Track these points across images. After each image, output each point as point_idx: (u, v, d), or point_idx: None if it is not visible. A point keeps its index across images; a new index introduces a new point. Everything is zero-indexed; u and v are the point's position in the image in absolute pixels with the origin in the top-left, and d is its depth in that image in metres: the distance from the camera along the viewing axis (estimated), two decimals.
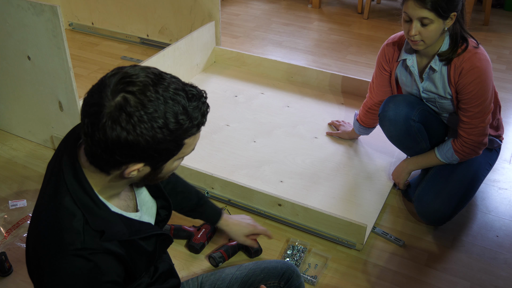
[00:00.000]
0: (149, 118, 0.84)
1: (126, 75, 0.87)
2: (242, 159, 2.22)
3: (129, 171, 0.91)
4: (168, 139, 0.88)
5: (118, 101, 0.84)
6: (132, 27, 3.38)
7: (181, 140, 0.91)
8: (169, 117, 0.86)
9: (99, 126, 0.85)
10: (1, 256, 1.68)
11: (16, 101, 2.32)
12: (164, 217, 1.21)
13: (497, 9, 4.03)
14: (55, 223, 0.93)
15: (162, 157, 0.92)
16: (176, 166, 0.99)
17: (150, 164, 0.92)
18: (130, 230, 1.00)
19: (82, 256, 0.91)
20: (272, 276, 1.35)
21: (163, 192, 1.19)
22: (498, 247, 1.82)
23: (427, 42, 1.70)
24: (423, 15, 1.63)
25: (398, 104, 1.88)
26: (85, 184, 0.95)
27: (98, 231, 0.94)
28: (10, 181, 2.14)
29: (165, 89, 0.87)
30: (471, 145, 1.80)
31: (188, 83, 0.93)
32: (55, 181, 0.97)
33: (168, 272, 1.24)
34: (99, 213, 0.95)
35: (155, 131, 0.85)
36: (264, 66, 2.92)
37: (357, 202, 1.98)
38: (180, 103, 0.88)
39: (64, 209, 0.93)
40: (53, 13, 1.88)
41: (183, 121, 0.88)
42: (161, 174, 0.97)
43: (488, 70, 1.73)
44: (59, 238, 0.91)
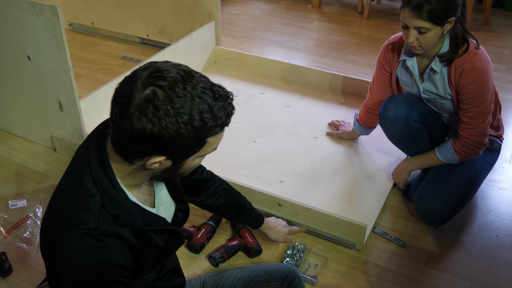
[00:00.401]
0: (175, 113, 0.87)
1: (157, 70, 0.90)
2: (242, 159, 2.22)
3: (150, 162, 0.94)
4: (191, 136, 0.90)
5: (147, 94, 0.87)
6: (132, 27, 3.38)
7: (204, 138, 0.93)
8: (194, 114, 0.88)
9: (127, 115, 0.88)
10: (1, 256, 1.68)
11: (16, 101, 2.32)
12: (181, 219, 1.23)
13: (497, 9, 4.03)
14: (74, 201, 0.96)
15: (184, 153, 0.94)
16: (197, 164, 1.02)
17: (172, 158, 0.95)
18: (144, 221, 1.02)
19: (93, 236, 0.94)
20: (275, 278, 1.35)
21: (182, 195, 1.22)
22: (498, 247, 1.82)
23: (425, 48, 1.71)
24: (419, 25, 1.63)
25: (399, 104, 1.88)
26: (107, 169, 0.98)
27: (113, 215, 0.97)
28: (10, 181, 2.14)
29: (193, 87, 0.89)
30: (472, 146, 1.80)
31: (216, 83, 0.95)
32: (80, 163, 1.01)
33: (174, 270, 1.26)
34: (117, 198, 0.98)
35: (179, 126, 0.88)
36: (264, 66, 2.92)
37: (357, 202, 1.98)
38: (207, 101, 0.90)
39: (84, 189, 0.97)
40: (53, 13, 1.88)
41: (208, 120, 0.90)
42: (181, 169, 1.00)
43: (489, 71, 1.72)
44: (75, 215, 0.95)
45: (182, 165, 0.98)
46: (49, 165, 2.24)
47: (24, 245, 1.80)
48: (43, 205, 1.98)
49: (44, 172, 2.20)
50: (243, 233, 1.79)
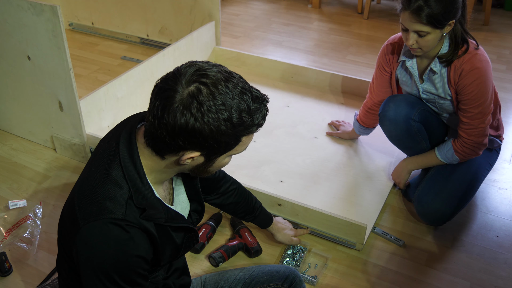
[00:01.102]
0: (217, 110, 0.91)
1: (201, 68, 0.94)
2: (242, 159, 2.22)
3: (185, 157, 0.96)
4: (229, 132, 0.93)
5: (192, 90, 0.91)
6: (132, 27, 3.38)
7: (240, 136, 0.96)
8: (234, 112, 0.92)
9: (170, 109, 0.91)
10: (1, 256, 1.68)
11: (16, 101, 2.32)
12: (195, 220, 1.25)
13: (497, 9, 4.03)
14: (101, 190, 0.98)
15: (220, 149, 0.97)
16: (226, 163, 1.05)
17: (206, 155, 0.98)
18: (167, 216, 1.05)
19: (120, 226, 0.96)
20: (276, 278, 1.36)
21: (200, 196, 1.23)
22: (498, 247, 1.82)
23: (424, 50, 1.71)
24: (419, 28, 1.63)
25: (399, 104, 1.88)
26: (137, 162, 1.00)
27: (140, 208, 0.99)
28: (10, 181, 2.14)
29: (234, 86, 0.93)
30: (471, 146, 1.80)
31: (252, 86, 0.98)
32: (108, 154, 1.02)
33: (182, 269, 1.28)
34: (144, 192, 1.00)
35: (220, 122, 0.91)
36: (264, 66, 2.92)
37: (357, 202, 1.98)
38: (246, 101, 0.94)
39: (113, 180, 0.99)
40: (53, 13, 1.88)
41: (246, 118, 0.94)
42: (211, 167, 1.03)
43: (488, 71, 1.72)
44: (103, 204, 0.96)
45: (213, 162, 1.01)
46: (49, 165, 2.24)
47: (24, 245, 1.80)
48: (43, 205, 1.98)
49: (44, 172, 2.20)
50: (243, 233, 1.79)
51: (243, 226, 1.83)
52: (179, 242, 1.11)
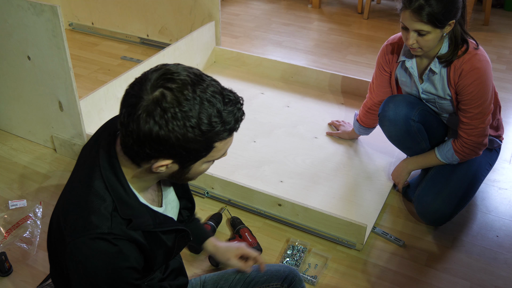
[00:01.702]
0: (183, 116, 0.86)
1: (168, 72, 0.90)
2: (242, 159, 2.22)
3: (157, 165, 0.93)
4: (198, 140, 0.89)
5: (156, 96, 0.87)
6: (132, 27, 3.38)
7: (212, 143, 0.92)
8: (203, 118, 0.88)
9: (134, 117, 0.87)
10: (1, 256, 1.68)
11: (16, 101, 2.32)
12: (185, 217, 1.24)
13: (497, 9, 4.03)
14: (85, 205, 0.96)
15: (191, 157, 0.93)
16: (205, 169, 1.01)
17: (179, 162, 0.94)
18: (155, 222, 1.02)
19: (107, 240, 0.94)
20: (275, 278, 1.35)
21: (189, 193, 1.22)
22: (498, 247, 1.82)
23: (425, 50, 1.71)
24: (419, 27, 1.63)
25: (398, 104, 1.88)
26: (118, 171, 0.98)
27: (126, 219, 0.96)
28: (10, 181, 2.14)
29: (203, 90, 0.89)
30: (471, 146, 1.80)
31: (227, 88, 0.95)
32: (89, 165, 1.00)
33: (179, 269, 1.27)
34: (129, 201, 0.98)
35: (187, 129, 0.87)
36: (264, 66, 2.92)
37: (357, 202, 1.98)
38: (216, 106, 0.89)
39: (95, 193, 0.96)
40: (53, 13, 1.88)
41: (216, 124, 0.89)
42: (188, 174, 0.99)
43: (488, 71, 1.72)
44: (88, 220, 0.94)
45: (189, 169, 0.98)
46: (49, 165, 2.24)
47: (24, 245, 1.80)
48: (43, 205, 1.98)
49: (44, 172, 2.20)
50: (243, 233, 1.79)
51: (243, 226, 1.83)
52: (170, 244, 1.09)
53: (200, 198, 2.03)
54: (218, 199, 2.01)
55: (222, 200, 2.00)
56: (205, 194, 2.03)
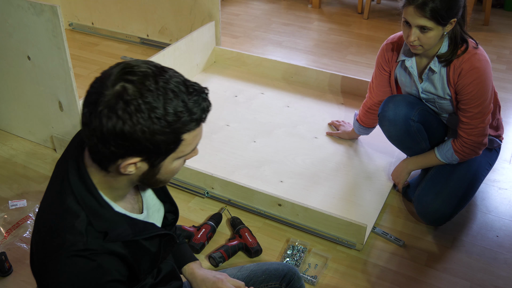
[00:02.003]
0: (147, 108, 0.83)
1: (128, 66, 0.87)
2: (242, 159, 2.22)
3: (124, 165, 0.88)
4: (165, 131, 0.86)
5: (117, 90, 0.84)
6: (132, 27, 3.38)
7: (179, 134, 0.89)
8: (168, 108, 0.85)
9: (95, 114, 0.84)
10: (1, 256, 1.68)
11: (16, 101, 2.32)
12: (171, 221, 1.20)
13: (497, 9, 4.03)
14: (58, 223, 0.93)
15: (159, 152, 0.89)
16: (176, 168, 0.96)
17: (148, 160, 0.90)
18: (134, 231, 0.99)
19: (84, 257, 0.91)
20: (273, 277, 1.35)
21: (169, 196, 1.19)
22: (498, 247, 1.82)
23: (425, 47, 1.71)
24: (422, 23, 1.63)
25: (398, 104, 1.88)
26: (89, 183, 0.94)
27: (101, 232, 0.93)
28: (10, 181, 2.14)
29: (165, 81, 0.86)
30: (471, 146, 1.80)
31: (190, 80, 0.93)
32: (60, 181, 0.97)
33: (171, 273, 1.23)
34: (103, 213, 0.95)
35: (152, 121, 0.84)
36: (264, 66, 2.92)
37: (357, 202, 1.98)
38: (180, 96, 0.87)
39: (67, 210, 0.93)
40: (53, 13, 1.88)
41: (182, 114, 0.86)
42: (160, 174, 0.95)
43: (488, 71, 1.73)
44: (62, 238, 0.91)
45: (159, 168, 0.93)
46: (49, 165, 2.24)
47: (24, 245, 1.80)
48: None
49: (44, 172, 2.20)
50: (243, 233, 1.79)
51: (243, 226, 1.83)
52: (155, 250, 1.06)
53: (200, 198, 2.03)
54: (218, 199, 2.01)
55: (222, 200, 2.00)
56: (205, 194, 2.03)
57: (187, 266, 1.31)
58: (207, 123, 0.98)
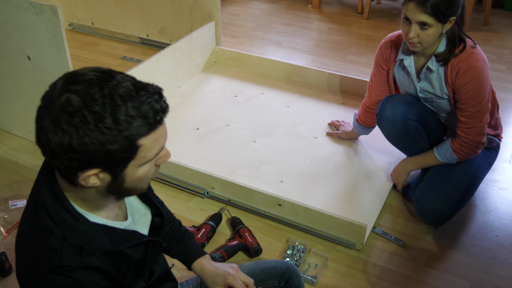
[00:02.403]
0: (93, 118, 0.79)
1: (72, 75, 0.83)
2: (242, 159, 2.22)
3: (84, 177, 0.84)
4: (117, 140, 0.81)
5: (61, 102, 0.80)
6: (132, 27, 3.38)
7: (133, 141, 0.83)
8: (117, 116, 0.80)
9: (43, 129, 0.81)
10: (1, 256, 1.68)
11: (16, 101, 2.32)
12: (158, 224, 1.17)
13: (497, 9, 4.03)
14: (33, 241, 0.91)
15: (117, 162, 0.85)
16: (143, 175, 0.91)
17: (107, 171, 0.85)
18: (114, 241, 0.95)
19: (60, 273, 0.88)
20: (272, 276, 1.35)
21: (152, 200, 1.15)
22: (498, 247, 1.82)
23: (424, 45, 1.71)
24: (423, 19, 1.63)
25: (396, 104, 1.88)
26: (61, 198, 0.91)
27: (77, 247, 0.90)
28: (10, 181, 2.14)
29: (113, 87, 0.81)
30: (470, 145, 1.80)
31: (144, 81, 0.87)
32: (34, 199, 0.95)
33: (165, 275, 1.21)
34: (78, 227, 0.91)
35: (101, 131, 0.80)
36: (264, 66, 2.92)
37: (357, 202, 1.98)
38: (130, 101, 0.82)
39: (42, 226, 0.90)
40: (53, 13, 1.88)
41: (132, 120, 0.82)
42: (126, 183, 0.90)
43: (485, 70, 1.73)
44: (37, 256, 0.89)
45: (123, 177, 0.88)
46: None
47: None
48: None
49: None
50: (243, 233, 1.79)
51: (243, 226, 1.83)
52: (140, 257, 1.02)
53: (200, 198, 2.03)
54: (218, 199, 2.01)
55: (222, 200, 2.00)
56: (205, 194, 2.03)
57: (196, 263, 1.27)
58: (207, 123, 0.97)
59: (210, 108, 2.56)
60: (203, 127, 2.38)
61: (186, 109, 2.55)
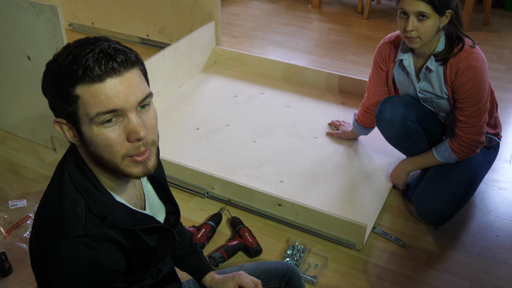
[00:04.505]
0: (51, 66, 0.90)
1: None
2: (242, 159, 2.22)
3: (61, 130, 0.94)
4: (57, 84, 0.88)
5: None
6: (132, 27, 3.38)
7: (68, 87, 0.87)
8: (61, 61, 0.87)
9: None
10: (1, 256, 1.68)
11: (16, 101, 2.32)
12: (173, 222, 1.20)
13: (497, 9, 4.03)
14: (58, 211, 0.93)
15: (66, 111, 0.90)
16: (104, 138, 0.89)
17: (69, 122, 0.92)
18: (133, 220, 0.98)
19: (84, 243, 0.91)
20: (273, 277, 1.35)
21: (171, 196, 1.19)
22: (498, 247, 1.82)
23: (423, 39, 1.70)
24: (420, 9, 1.64)
25: (395, 105, 1.88)
26: (87, 172, 0.96)
27: (100, 217, 0.93)
28: (10, 181, 2.14)
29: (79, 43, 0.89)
30: (469, 144, 1.80)
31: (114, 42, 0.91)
32: (60, 171, 0.99)
33: (170, 275, 1.23)
34: (102, 199, 0.95)
35: (50, 75, 0.90)
36: (264, 66, 2.92)
37: (357, 202, 1.98)
38: (80, 50, 0.87)
39: (67, 197, 0.94)
40: (53, 13, 1.88)
41: (72, 65, 0.86)
42: (91, 145, 0.90)
43: (484, 70, 1.73)
44: (62, 225, 0.91)
45: (85, 136, 0.90)
46: (49, 165, 2.24)
47: (24, 245, 1.80)
48: None
49: (44, 172, 2.20)
50: (243, 233, 1.79)
51: (243, 226, 1.83)
52: (153, 245, 1.05)
53: (200, 198, 2.03)
54: (218, 199, 2.01)
55: (222, 200, 2.00)
56: (205, 194, 2.03)
57: (208, 275, 1.34)
58: (207, 123, 0.98)
59: (210, 108, 2.56)
60: (203, 127, 2.38)
61: (186, 109, 2.55)
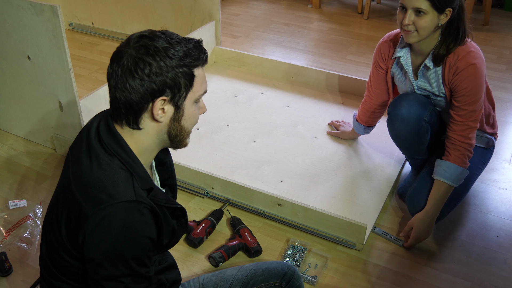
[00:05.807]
0: (164, 48, 1.03)
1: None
2: (242, 159, 2.22)
3: (156, 108, 1.01)
4: (180, 65, 1.02)
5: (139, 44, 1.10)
6: (132, 27, 3.38)
7: (191, 68, 1.03)
8: (178, 49, 1.03)
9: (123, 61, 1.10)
10: (1, 256, 1.68)
11: (16, 101, 2.32)
12: None
13: (497, 9, 4.03)
14: (106, 178, 1.00)
15: (180, 87, 1.02)
16: (195, 113, 1.08)
17: (172, 101, 1.02)
18: (166, 198, 1.09)
19: (135, 208, 0.99)
20: (274, 276, 1.36)
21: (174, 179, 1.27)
22: (498, 247, 1.82)
23: (420, 33, 1.69)
24: (418, 5, 1.63)
25: (411, 103, 1.83)
26: (128, 151, 1.04)
27: (144, 190, 1.03)
28: (10, 181, 2.14)
29: (173, 36, 1.09)
30: (465, 146, 1.76)
31: None
32: (94, 148, 1.04)
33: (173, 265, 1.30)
34: (144, 176, 1.04)
35: (170, 57, 1.01)
36: (264, 66, 2.92)
37: (357, 202, 1.98)
38: (182, 42, 1.07)
39: (113, 167, 1.01)
40: (53, 13, 1.88)
41: (189, 51, 1.04)
42: (183, 120, 1.06)
43: (483, 69, 1.73)
44: (113, 190, 0.98)
45: (182, 111, 1.05)
46: (49, 165, 2.24)
47: (24, 245, 1.80)
48: (43, 205, 1.98)
49: (44, 172, 2.20)
50: (243, 233, 1.79)
51: (243, 226, 1.83)
52: (174, 226, 1.14)
53: (200, 198, 2.03)
54: (218, 199, 2.01)
55: (222, 200, 2.00)
56: (205, 194, 2.03)
57: None
58: (207, 123, 1.01)
59: (210, 108, 2.55)
60: (203, 127, 2.38)
61: None
